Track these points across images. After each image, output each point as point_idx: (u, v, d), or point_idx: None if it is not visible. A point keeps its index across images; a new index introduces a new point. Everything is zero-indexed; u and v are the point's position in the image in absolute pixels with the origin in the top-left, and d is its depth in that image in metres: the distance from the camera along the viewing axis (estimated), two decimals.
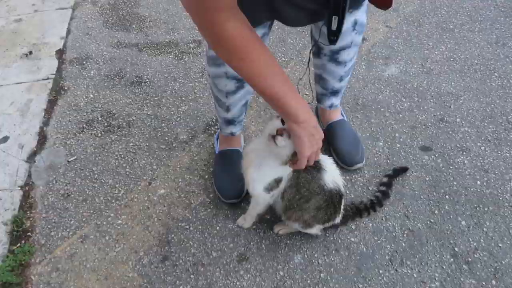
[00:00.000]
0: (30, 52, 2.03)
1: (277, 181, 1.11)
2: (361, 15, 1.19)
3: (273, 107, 0.95)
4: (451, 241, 1.29)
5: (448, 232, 1.31)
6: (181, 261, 1.26)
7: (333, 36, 0.98)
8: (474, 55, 1.95)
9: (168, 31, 2.14)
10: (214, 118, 1.69)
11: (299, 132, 0.94)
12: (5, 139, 1.62)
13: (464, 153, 1.54)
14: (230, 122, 1.39)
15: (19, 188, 1.46)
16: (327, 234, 1.31)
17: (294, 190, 1.12)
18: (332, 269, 1.23)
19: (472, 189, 1.42)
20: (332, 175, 1.13)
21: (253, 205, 1.24)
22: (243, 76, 0.91)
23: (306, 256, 1.26)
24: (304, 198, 1.13)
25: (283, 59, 1.96)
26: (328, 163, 1.13)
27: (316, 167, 1.11)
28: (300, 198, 1.13)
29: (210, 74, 1.26)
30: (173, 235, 1.32)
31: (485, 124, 1.64)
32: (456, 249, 1.27)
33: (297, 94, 0.94)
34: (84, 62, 1.97)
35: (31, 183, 1.48)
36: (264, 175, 1.11)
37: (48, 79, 1.88)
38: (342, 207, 1.22)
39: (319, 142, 0.99)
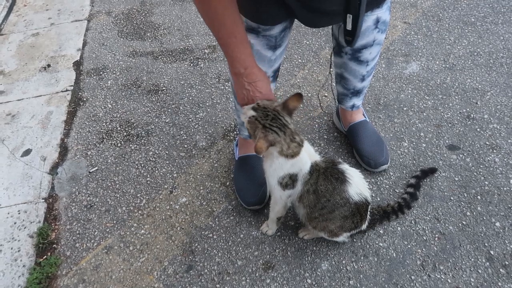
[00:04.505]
0: (48, 65, 2.06)
1: (292, 179, 1.08)
2: (383, 13, 1.15)
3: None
4: (486, 244, 1.23)
5: (482, 235, 1.25)
6: (206, 270, 1.24)
7: (349, 36, 0.95)
8: (499, 48, 1.88)
9: (182, 38, 2.14)
10: (233, 123, 1.68)
11: (233, 81, 1.08)
12: (28, 152, 1.64)
13: (495, 151, 1.47)
14: None
15: (43, 200, 1.47)
16: (354, 240, 1.27)
17: (313, 197, 1.09)
18: (361, 275, 1.19)
19: (505, 188, 1.36)
20: (357, 187, 1.09)
21: (272, 205, 1.21)
22: (202, 17, 0.98)
23: (333, 262, 1.23)
24: (327, 208, 1.10)
25: (300, 61, 1.93)
26: (354, 175, 1.09)
27: (340, 179, 1.07)
28: (322, 208, 1.10)
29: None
30: (197, 244, 1.31)
31: None
32: (491, 252, 1.21)
33: (241, 48, 0.99)
34: (101, 73, 1.98)
35: (54, 195, 1.49)
36: (274, 170, 1.09)
37: (66, 91, 1.91)
38: (368, 213, 1.18)
39: (251, 98, 1.04)
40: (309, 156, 1.08)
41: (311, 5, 0.95)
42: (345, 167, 1.10)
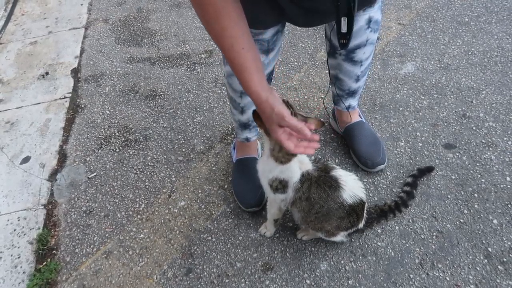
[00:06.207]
0: (47, 73, 2.07)
1: (283, 184, 1.09)
2: (375, 12, 1.16)
3: None
4: (484, 241, 1.24)
5: (479, 232, 1.26)
6: (205, 273, 1.25)
7: (344, 39, 0.95)
8: (493, 47, 1.90)
9: (179, 43, 2.16)
10: (230, 127, 1.69)
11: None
12: (27, 159, 1.65)
13: (491, 148, 1.48)
14: (245, 126, 1.38)
15: (43, 206, 1.47)
16: (352, 240, 1.27)
17: (305, 204, 1.10)
18: (360, 275, 1.20)
19: (501, 185, 1.37)
20: (351, 191, 1.09)
21: (268, 207, 1.23)
22: (211, 36, 0.91)
23: (332, 263, 1.23)
24: (321, 212, 1.10)
25: (295, 63, 1.94)
26: (348, 180, 1.10)
27: (333, 186, 1.08)
28: (317, 213, 1.11)
29: (225, 74, 1.27)
30: (196, 247, 1.31)
31: (510, 117, 1.58)
32: (489, 249, 1.22)
33: (248, 79, 0.91)
34: (99, 79, 2.00)
35: (53, 201, 1.49)
36: (264, 170, 1.11)
37: (65, 98, 1.92)
38: (365, 212, 1.19)
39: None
40: (301, 165, 1.08)
41: (303, 4, 0.96)
42: (339, 173, 1.10)
